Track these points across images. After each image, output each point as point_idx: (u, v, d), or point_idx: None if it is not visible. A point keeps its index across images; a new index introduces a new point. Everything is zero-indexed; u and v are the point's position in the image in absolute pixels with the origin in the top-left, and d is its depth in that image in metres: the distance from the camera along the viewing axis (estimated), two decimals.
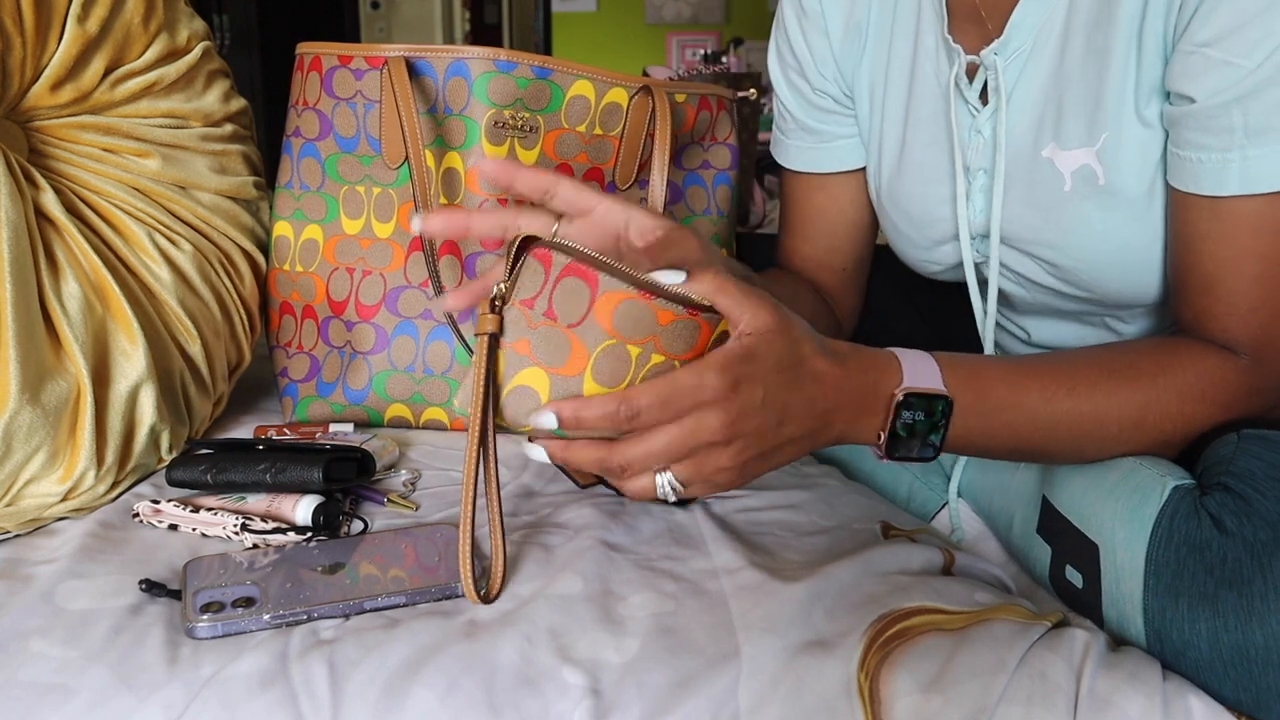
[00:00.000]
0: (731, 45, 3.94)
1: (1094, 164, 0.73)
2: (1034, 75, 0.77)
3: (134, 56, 0.80)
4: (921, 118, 0.85)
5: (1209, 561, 0.57)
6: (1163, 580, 0.59)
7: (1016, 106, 0.77)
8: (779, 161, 0.98)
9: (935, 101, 0.83)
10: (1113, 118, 0.72)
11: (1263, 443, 0.61)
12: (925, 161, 0.85)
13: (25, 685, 0.54)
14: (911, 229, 0.88)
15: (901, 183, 0.88)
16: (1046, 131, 0.76)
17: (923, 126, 0.85)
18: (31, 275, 0.70)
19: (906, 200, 0.88)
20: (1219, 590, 0.56)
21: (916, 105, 0.85)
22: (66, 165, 0.79)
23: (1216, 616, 0.55)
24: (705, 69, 2.99)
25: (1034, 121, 0.77)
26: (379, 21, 4.86)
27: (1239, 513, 0.57)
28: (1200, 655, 0.56)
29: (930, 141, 0.84)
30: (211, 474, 0.73)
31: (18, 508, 0.70)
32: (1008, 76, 0.77)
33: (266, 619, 0.59)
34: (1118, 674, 0.55)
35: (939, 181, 0.84)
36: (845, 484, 0.80)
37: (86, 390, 0.71)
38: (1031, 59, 0.76)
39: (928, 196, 0.85)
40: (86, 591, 0.62)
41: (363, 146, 0.87)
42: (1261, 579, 0.54)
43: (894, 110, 0.87)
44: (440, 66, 0.84)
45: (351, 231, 0.89)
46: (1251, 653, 0.54)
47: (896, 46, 0.86)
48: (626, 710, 0.53)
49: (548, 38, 5.60)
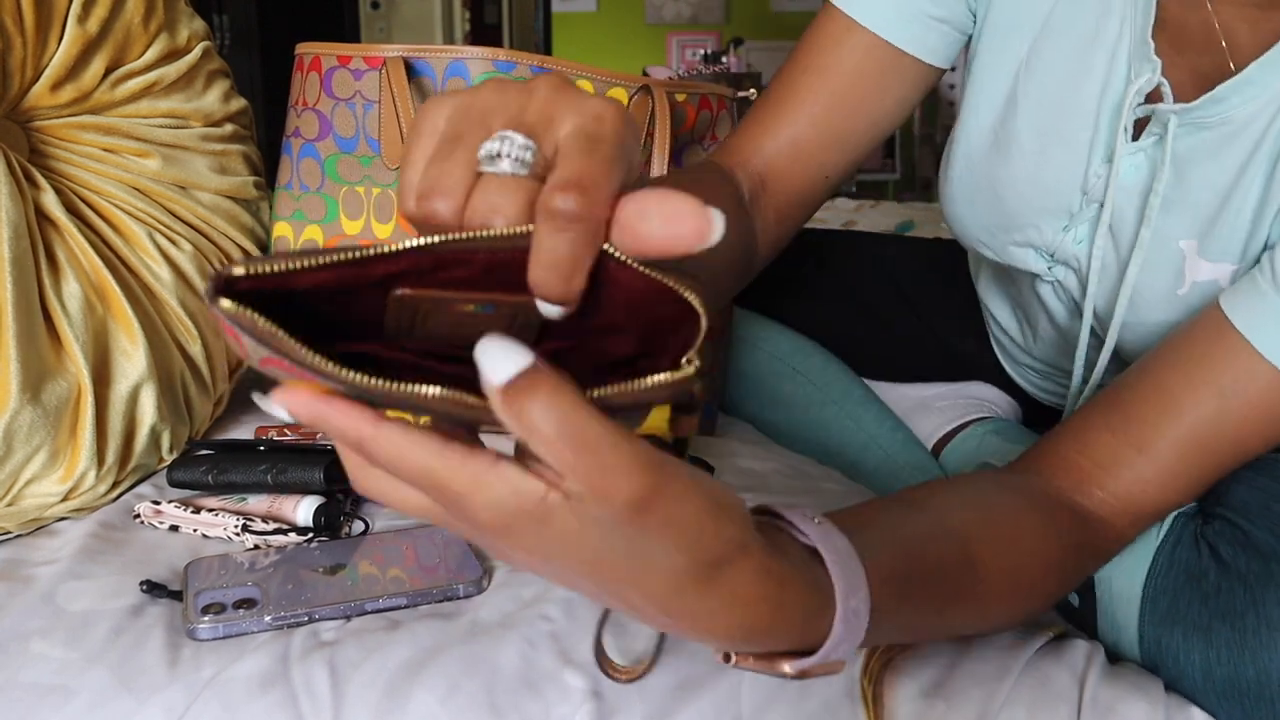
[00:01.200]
0: (731, 45, 3.94)
1: (1225, 282, 0.64)
2: (1226, 157, 0.62)
3: (134, 56, 0.80)
4: (1047, 89, 0.69)
5: (1204, 591, 0.57)
6: (1159, 609, 0.58)
7: (1182, 184, 0.63)
8: (838, 1, 0.73)
9: (1075, 86, 0.67)
10: (1263, 237, 0.62)
11: (1254, 469, 0.60)
12: (1025, 142, 0.71)
13: (26, 686, 0.54)
14: (990, 214, 0.75)
15: (998, 154, 0.73)
16: (1194, 224, 0.64)
17: (1046, 94, 0.69)
18: (32, 275, 0.70)
19: (992, 179, 0.73)
20: (1212, 622, 0.55)
21: (1043, 67, 0.68)
22: (67, 165, 0.79)
23: (1210, 648, 0.55)
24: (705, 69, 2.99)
25: (1190, 204, 0.64)
26: (379, 21, 4.85)
27: (1233, 542, 0.57)
28: (1195, 685, 0.56)
29: (1045, 126, 0.69)
30: (212, 475, 0.73)
31: (18, 508, 0.70)
32: (1198, 141, 0.62)
33: (268, 620, 0.58)
34: (1121, 684, 0.55)
35: (1044, 181, 0.71)
36: (846, 486, 0.80)
37: (87, 390, 0.71)
38: (1238, 136, 0.62)
39: (1022, 190, 0.72)
40: (87, 592, 0.62)
41: (362, 147, 0.87)
42: (1254, 613, 0.54)
43: (1010, 51, 0.70)
44: (439, 67, 0.84)
45: (351, 232, 0.89)
46: (1243, 685, 0.54)
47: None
48: (628, 713, 0.53)
49: (548, 38, 5.59)
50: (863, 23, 0.71)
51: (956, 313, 0.98)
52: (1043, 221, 0.72)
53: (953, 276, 1.00)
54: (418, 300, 0.34)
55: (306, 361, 0.31)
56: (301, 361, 0.31)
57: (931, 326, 1.01)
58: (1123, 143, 0.65)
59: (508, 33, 6.05)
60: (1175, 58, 0.64)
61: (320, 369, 0.31)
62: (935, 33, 0.72)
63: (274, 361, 0.32)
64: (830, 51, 0.73)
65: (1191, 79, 0.64)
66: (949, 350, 0.99)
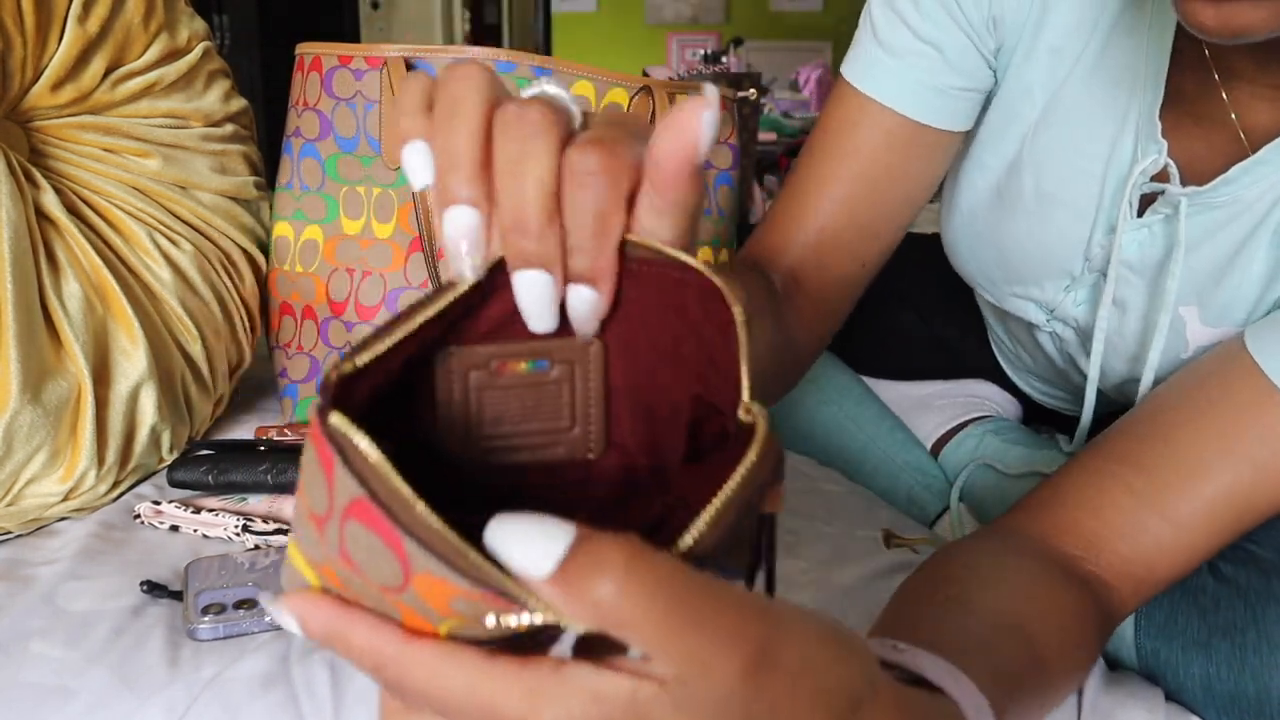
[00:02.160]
0: (731, 45, 3.93)
1: (1224, 339, 0.63)
2: (1230, 231, 0.62)
3: (134, 56, 0.80)
4: (1054, 155, 0.68)
5: (1202, 606, 0.56)
6: (1154, 621, 0.58)
7: (1185, 256, 0.62)
8: (855, 80, 0.70)
9: (1082, 156, 0.66)
10: (1273, 298, 0.61)
11: None
12: (1030, 204, 0.69)
13: (26, 687, 0.54)
14: (992, 266, 0.74)
15: (1002, 211, 0.71)
16: (1192, 291, 0.64)
17: (1053, 159, 0.68)
18: (32, 275, 0.70)
19: (996, 234, 0.72)
20: (1212, 638, 0.55)
21: (1052, 134, 0.67)
22: (67, 165, 0.79)
23: (1210, 664, 0.55)
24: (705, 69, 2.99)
25: (1189, 273, 0.63)
26: (379, 21, 4.86)
27: (1234, 559, 0.57)
28: (1195, 698, 0.56)
29: (1051, 192, 0.68)
30: (213, 475, 0.73)
31: (19, 507, 0.70)
32: (1206, 220, 0.62)
33: (268, 621, 0.58)
34: (1119, 691, 0.55)
35: (1047, 243, 0.70)
36: (847, 487, 0.80)
37: (87, 390, 0.71)
38: (1243, 213, 0.61)
39: (1026, 249, 0.71)
40: (88, 593, 0.62)
41: (363, 147, 0.87)
42: (1255, 629, 0.54)
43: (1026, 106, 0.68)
44: (439, 67, 0.84)
45: (351, 232, 0.89)
46: (1244, 703, 0.54)
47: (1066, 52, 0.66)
48: None
49: (548, 38, 5.59)
50: (883, 102, 0.68)
51: (956, 310, 0.98)
52: (1045, 280, 0.71)
53: (953, 274, 1.00)
54: (467, 366, 0.31)
55: (412, 518, 0.25)
56: (403, 518, 0.25)
57: (931, 324, 1.00)
58: (1127, 218, 0.63)
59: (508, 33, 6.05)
60: (1188, 131, 0.63)
61: (429, 531, 0.24)
62: (958, 101, 0.69)
63: (362, 510, 0.26)
64: (849, 135, 0.70)
65: (1203, 154, 0.63)
66: (949, 348, 0.99)
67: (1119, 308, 0.68)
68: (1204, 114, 0.62)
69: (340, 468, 0.26)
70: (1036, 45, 0.66)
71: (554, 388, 0.32)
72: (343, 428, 0.25)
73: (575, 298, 0.31)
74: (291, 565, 0.30)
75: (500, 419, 0.32)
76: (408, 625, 0.27)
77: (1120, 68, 0.63)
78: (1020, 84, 0.68)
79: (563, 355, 0.32)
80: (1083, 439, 0.73)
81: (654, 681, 0.25)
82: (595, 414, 0.33)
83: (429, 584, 0.25)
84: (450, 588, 0.25)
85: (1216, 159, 0.61)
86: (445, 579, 0.25)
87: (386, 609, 0.28)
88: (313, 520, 0.28)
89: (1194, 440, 0.54)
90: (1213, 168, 0.61)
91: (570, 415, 0.32)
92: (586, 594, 0.24)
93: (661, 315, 0.33)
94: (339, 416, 0.25)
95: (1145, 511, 0.54)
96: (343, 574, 0.28)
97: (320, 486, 0.27)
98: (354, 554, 0.27)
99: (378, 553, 0.26)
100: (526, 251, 0.30)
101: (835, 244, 0.71)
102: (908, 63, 0.67)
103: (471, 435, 0.32)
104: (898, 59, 0.68)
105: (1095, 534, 0.54)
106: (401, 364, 0.30)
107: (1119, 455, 0.56)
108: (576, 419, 0.33)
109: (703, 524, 0.26)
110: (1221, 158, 0.61)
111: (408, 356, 0.30)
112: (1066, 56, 0.65)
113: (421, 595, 0.26)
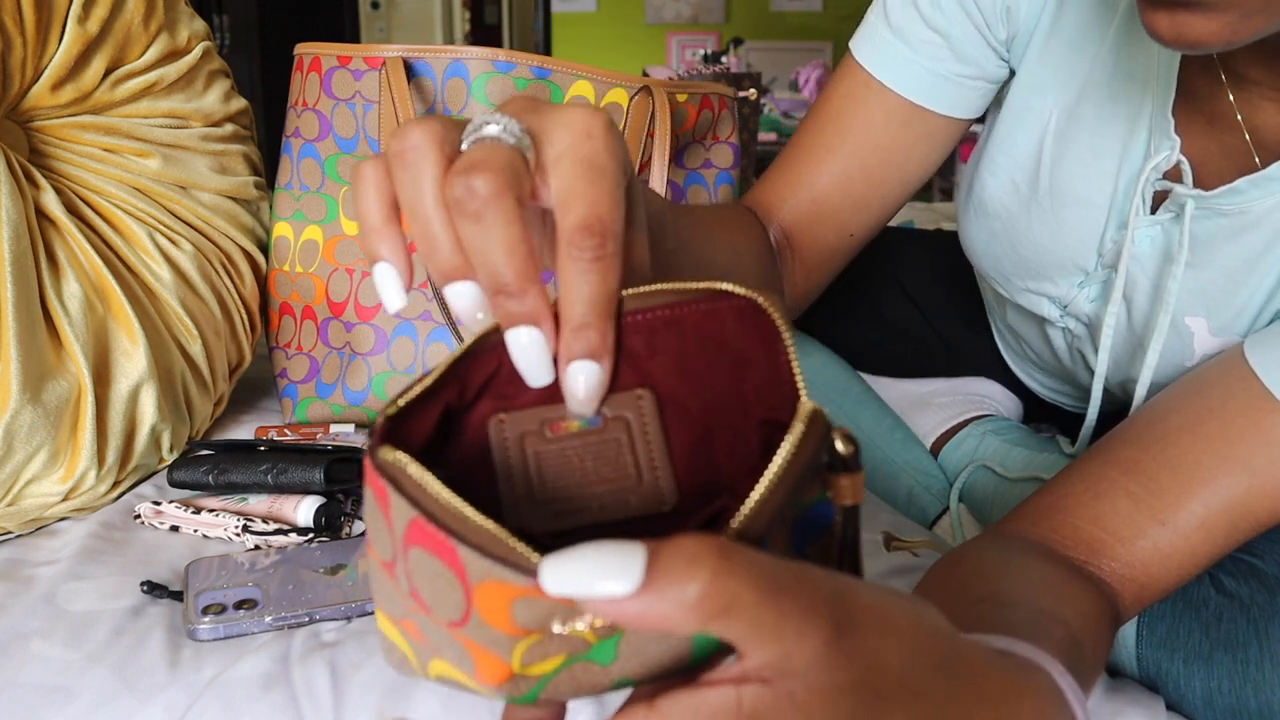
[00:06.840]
0: (731, 45, 3.93)
1: (1227, 346, 0.64)
2: (1242, 243, 0.61)
3: (134, 57, 0.80)
4: (1071, 151, 0.67)
5: (1204, 619, 0.56)
6: (1156, 632, 0.58)
7: (1196, 263, 0.62)
8: (863, 59, 0.71)
9: (1098, 151, 0.66)
10: (1274, 309, 0.61)
11: None
12: (1046, 200, 0.70)
13: (27, 687, 0.54)
14: (1007, 261, 0.74)
15: (1019, 207, 0.72)
16: (1202, 302, 0.64)
17: (1070, 155, 0.68)
18: (32, 275, 0.70)
19: (1011, 229, 0.72)
20: (1214, 651, 0.55)
21: (1071, 130, 0.67)
22: (67, 165, 0.79)
23: (1211, 677, 0.55)
24: (705, 69, 2.99)
25: (1200, 283, 0.63)
26: (379, 21, 4.86)
27: (1237, 573, 0.57)
28: (1196, 712, 0.56)
29: (1067, 188, 0.68)
30: (213, 475, 0.73)
31: (19, 507, 0.70)
32: (1215, 226, 0.61)
33: (268, 621, 0.58)
34: (1120, 699, 0.55)
35: (1062, 239, 0.69)
36: None
37: (87, 390, 0.71)
38: (1256, 226, 0.60)
39: (1041, 244, 0.71)
40: (88, 593, 0.62)
41: (362, 147, 0.87)
42: (1257, 644, 0.54)
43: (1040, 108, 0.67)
44: (439, 67, 0.84)
45: (351, 232, 0.89)
46: (1245, 717, 0.54)
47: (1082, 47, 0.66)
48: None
49: (547, 38, 5.59)
50: (887, 84, 0.69)
51: (958, 307, 0.98)
52: (1059, 276, 0.71)
53: (955, 271, 1.00)
54: (520, 432, 0.31)
55: (464, 526, 0.25)
56: (454, 526, 0.25)
57: (932, 321, 1.00)
58: (1139, 214, 0.63)
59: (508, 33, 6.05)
60: (1201, 129, 0.62)
61: (481, 533, 0.25)
62: (965, 89, 0.69)
63: (418, 531, 0.26)
64: (851, 111, 0.70)
65: (1215, 154, 0.63)
66: (950, 346, 0.99)
67: (1127, 304, 0.68)
68: (1215, 114, 0.61)
69: (394, 496, 0.26)
70: (1052, 39, 0.66)
71: (613, 443, 0.32)
72: (390, 457, 0.26)
73: (579, 372, 0.31)
74: (383, 634, 0.31)
75: (564, 480, 0.32)
76: (480, 671, 0.28)
77: (1135, 65, 0.63)
78: (1036, 78, 0.68)
79: (613, 408, 0.32)
80: (1088, 436, 0.73)
81: (755, 681, 0.25)
82: (660, 460, 0.32)
83: (489, 596, 0.26)
84: (509, 589, 0.25)
85: (1229, 161, 0.61)
86: (503, 580, 0.25)
87: (459, 656, 0.28)
88: (385, 569, 0.29)
89: (1192, 447, 0.54)
90: (1225, 169, 0.61)
91: (635, 466, 0.32)
92: (682, 594, 0.24)
93: (701, 354, 0.32)
94: (387, 449, 0.26)
95: (1145, 518, 0.54)
96: (418, 621, 0.29)
97: (382, 529, 0.28)
98: (421, 589, 0.28)
99: (439, 577, 0.27)
100: (512, 313, 0.31)
101: (827, 214, 0.72)
102: (915, 48, 0.68)
103: (537, 500, 0.32)
104: (906, 43, 0.68)
105: (1096, 540, 0.54)
106: (442, 415, 0.30)
107: (1118, 461, 0.56)
108: (642, 470, 0.32)
109: (753, 501, 0.26)
110: (1234, 159, 0.61)
111: (448, 404, 0.30)
112: (1084, 52, 0.65)
113: (485, 618, 0.26)
